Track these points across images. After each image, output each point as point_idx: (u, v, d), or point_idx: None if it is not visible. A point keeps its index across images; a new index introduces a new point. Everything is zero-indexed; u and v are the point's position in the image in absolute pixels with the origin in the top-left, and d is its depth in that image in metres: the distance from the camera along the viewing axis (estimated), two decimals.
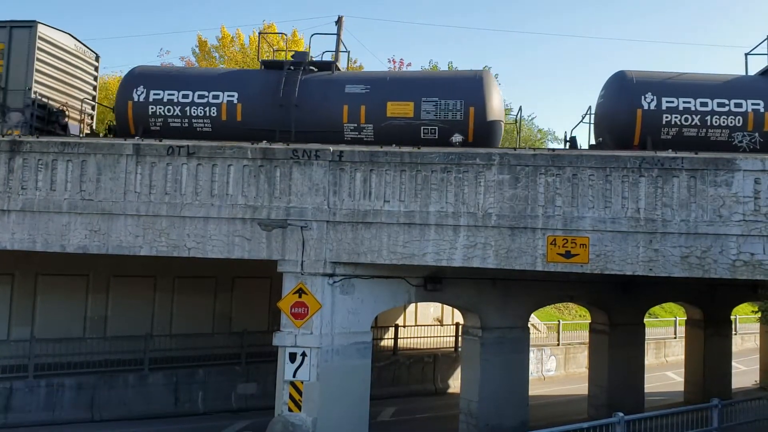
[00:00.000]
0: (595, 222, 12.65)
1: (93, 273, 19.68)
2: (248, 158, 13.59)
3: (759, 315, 16.66)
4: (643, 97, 15.36)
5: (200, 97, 16.36)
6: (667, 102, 15.34)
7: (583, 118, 17.10)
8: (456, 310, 23.23)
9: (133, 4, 77.38)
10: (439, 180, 13.19)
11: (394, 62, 40.72)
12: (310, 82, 16.40)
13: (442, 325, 27.00)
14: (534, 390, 19.75)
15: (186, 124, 16.45)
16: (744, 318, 36.63)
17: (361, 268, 13.67)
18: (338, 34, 28.70)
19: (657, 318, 36.54)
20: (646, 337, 22.75)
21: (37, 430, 16.57)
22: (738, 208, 12.26)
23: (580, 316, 34.51)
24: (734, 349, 26.89)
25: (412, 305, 25.94)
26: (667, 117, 15.33)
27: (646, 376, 21.70)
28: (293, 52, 17.51)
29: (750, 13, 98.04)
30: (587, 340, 23.58)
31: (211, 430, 17.43)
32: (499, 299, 16.57)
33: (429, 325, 26.53)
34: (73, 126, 18.47)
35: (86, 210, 13.87)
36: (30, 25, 16.94)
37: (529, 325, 18.05)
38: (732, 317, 26.94)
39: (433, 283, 15.11)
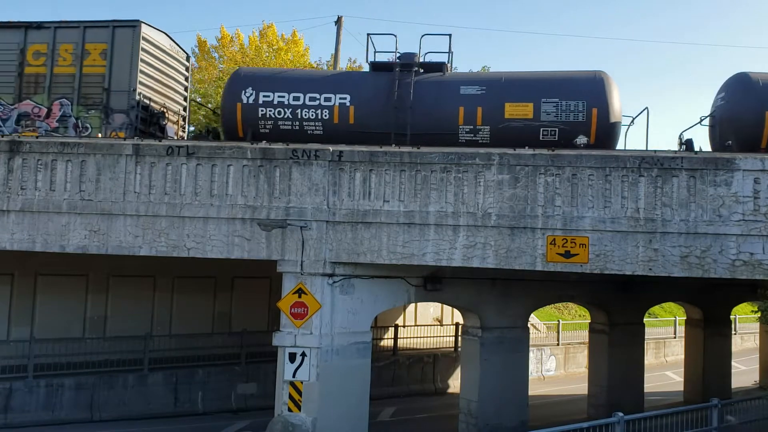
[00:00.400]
0: (595, 222, 12.65)
1: (92, 273, 19.68)
2: (247, 158, 13.59)
3: (758, 315, 16.62)
4: None
5: (311, 99, 15.96)
6: None
7: (701, 120, 16.49)
8: (456, 310, 23.23)
9: (132, 4, 77.41)
10: (438, 180, 13.20)
11: None
12: (423, 84, 16.05)
13: (441, 325, 27.00)
14: (534, 390, 19.76)
15: (297, 127, 16.05)
16: (743, 318, 36.65)
17: (360, 268, 13.67)
18: (338, 35, 28.76)
19: (657, 318, 36.56)
20: (646, 337, 22.76)
21: (36, 430, 16.57)
22: (737, 207, 12.26)
23: (579, 315, 34.52)
24: (734, 348, 26.87)
25: (412, 305, 25.93)
26: None
27: (645, 375, 21.72)
28: (399, 54, 16.83)
29: (749, 14, 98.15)
30: (587, 340, 23.59)
31: (210, 430, 17.43)
32: (498, 299, 16.57)
33: (429, 325, 26.53)
34: (169, 128, 18.11)
35: (86, 210, 13.87)
36: (134, 25, 16.60)
37: (528, 325, 18.06)
38: (732, 317, 26.95)
39: (433, 283, 15.11)
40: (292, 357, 13.19)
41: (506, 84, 15.86)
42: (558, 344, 29.49)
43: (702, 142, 16.24)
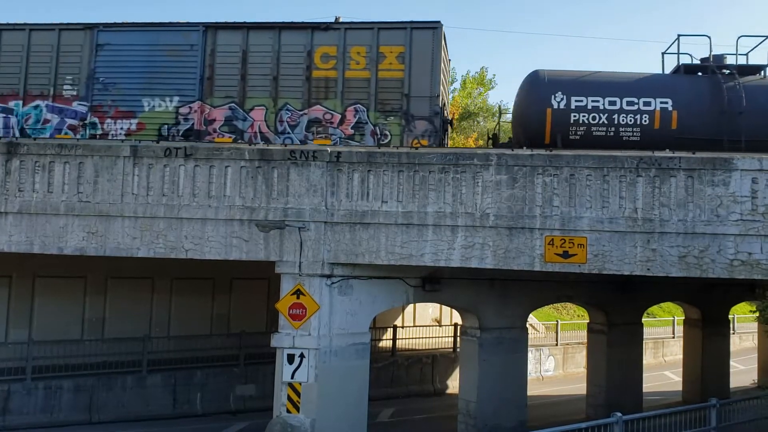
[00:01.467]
0: (593, 222, 12.65)
1: (90, 275, 19.65)
2: (245, 159, 13.58)
3: (757, 314, 16.64)
4: None
5: (629, 104, 15.31)
6: None
7: None
8: (454, 311, 23.23)
9: (132, 4, 77.53)
10: (436, 180, 13.20)
11: None
12: (752, 88, 15.41)
13: (440, 325, 26.98)
14: (532, 390, 19.75)
15: (611, 133, 15.39)
16: (742, 317, 36.65)
17: (359, 268, 13.66)
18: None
19: (655, 318, 36.56)
20: (645, 337, 22.74)
21: None
22: (735, 207, 12.27)
23: (578, 316, 34.51)
24: (732, 348, 26.89)
25: (411, 306, 25.92)
26: None
27: (644, 375, 21.71)
28: (707, 56, 16.18)
29: (749, 14, 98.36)
30: (585, 340, 23.58)
31: (209, 431, 17.41)
32: (497, 299, 16.57)
33: (427, 325, 26.51)
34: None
35: (84, 212, 13.86)
36: (435, 27, 15.71)
37: (527, 325, 18.06)
38: (730, 317, 26.96)
39: (432, 283, 15.11)
40: (290, 358, 13.19)
41: None
42: (557, 344, 29.48)
43: None
